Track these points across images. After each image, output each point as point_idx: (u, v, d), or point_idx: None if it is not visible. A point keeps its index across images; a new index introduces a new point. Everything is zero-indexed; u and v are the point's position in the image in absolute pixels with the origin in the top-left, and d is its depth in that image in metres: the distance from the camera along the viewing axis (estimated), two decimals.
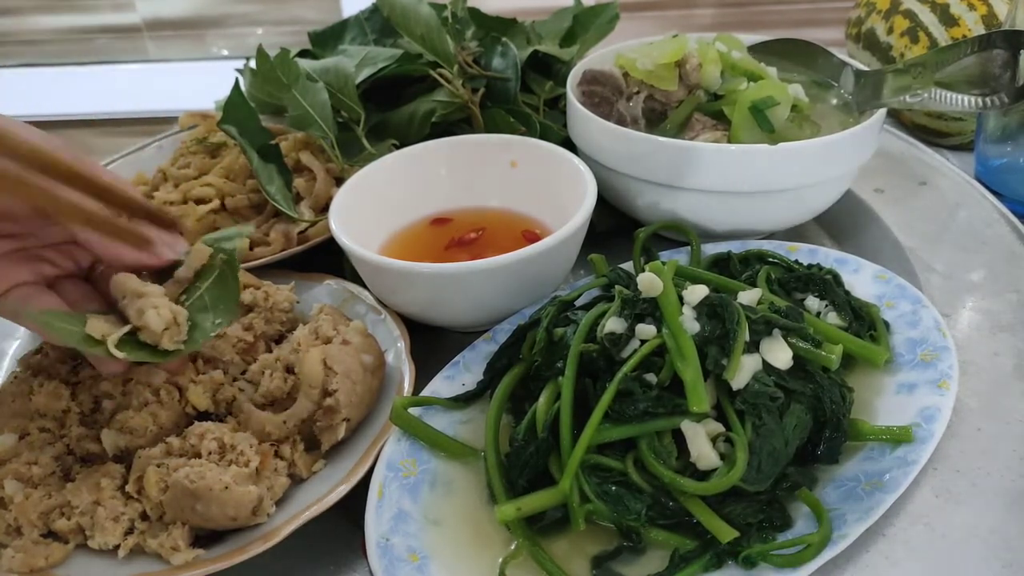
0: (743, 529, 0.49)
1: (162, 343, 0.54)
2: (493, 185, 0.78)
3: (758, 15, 2.04)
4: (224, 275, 0.59)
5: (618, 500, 0.51)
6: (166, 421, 0.58)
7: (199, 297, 0.58)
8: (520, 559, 0.50)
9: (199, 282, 0.59)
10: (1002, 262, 0.72)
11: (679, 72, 0.76)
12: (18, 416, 0.59)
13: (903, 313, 0.62)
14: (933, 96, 0.67)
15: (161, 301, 0.54)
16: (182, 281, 0.59)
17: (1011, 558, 0.48)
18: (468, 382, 0.62)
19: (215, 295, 0.58)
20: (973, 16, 0.91)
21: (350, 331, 0.61)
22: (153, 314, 0.53)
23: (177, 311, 0.55)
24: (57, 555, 0.52)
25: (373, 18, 0.99)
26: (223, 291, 0.58)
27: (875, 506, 0.49)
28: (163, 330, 0.54)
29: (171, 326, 0.54)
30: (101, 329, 0.53)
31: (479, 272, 0.61)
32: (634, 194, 0.76)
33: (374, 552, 0.49)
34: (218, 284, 0.59)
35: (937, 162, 0.87)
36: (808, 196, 0.73)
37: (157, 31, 2.28)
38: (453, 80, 0.85)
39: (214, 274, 0.59)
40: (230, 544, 0.52)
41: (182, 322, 0.55)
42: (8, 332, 0.76)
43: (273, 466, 0.56)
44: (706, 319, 0.52)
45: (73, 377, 0.61)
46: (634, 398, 0.51)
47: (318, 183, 0.80)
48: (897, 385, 0.58)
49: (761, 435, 0.50)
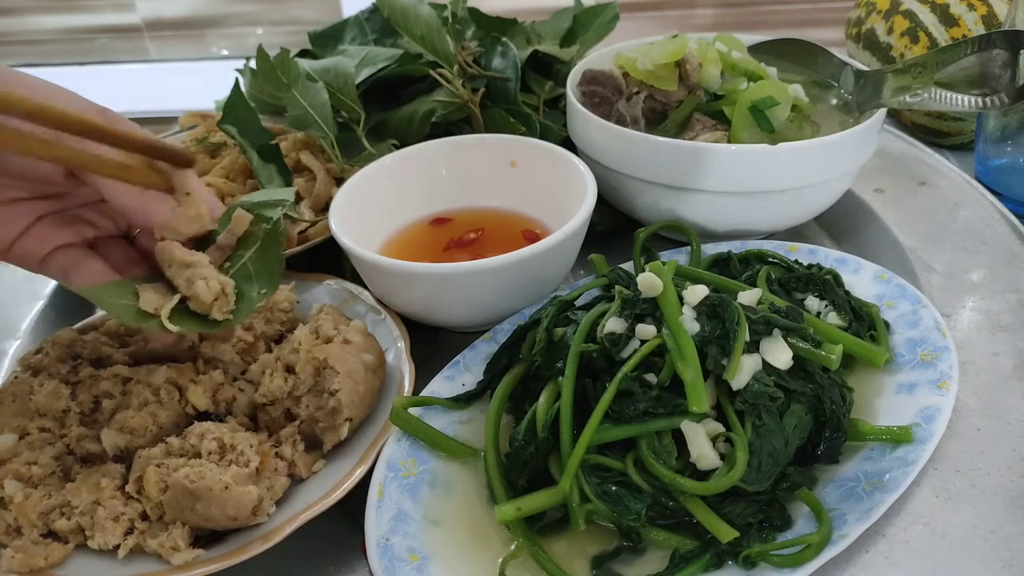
0: (743, 529, 0.49)
1: (212, 313, 0.54)
2: (493, 185, 0.78)
3: (758, 15, 2.04)
4: (267, 244, 0.59)
5: (618, 500, 0.51)
6: (166, 421, 0.58)
7: (243, 266, 0.58)
8: (520, 559, 0.50)
9: (242, 250, 0.59)
10: (1002, 262, 0.72)
11: (679, 72, 0.76)
12: (18, 416, 0.59)
13: (903, 313, 0.62)
14: (933, 96, 0.67)
15: (209, 271, 0.55)
16: (224, 248, 0.58)
17: (1011, 558, 0.48)
18: (468, 382, 0.62)
19: (259, 264, 0.58)
20: (973, 16, 0.91)
21: (351, 331, 0.61)
22: (202, 285, 0.54)
23: (225, 282, 0.55)
24: (57, 555, 0.52)
25: (373, 18, 0.99)
26: (266, 260, 0.58)
27: (875, 506, 0.49)
28: (212, 300, 0.54)
29: (220, 296, 0.54)
30: (153, 302, 0.53)
31: (479, 272, 0.61)
32: (634, 194, 0.76)
33: (374, 552, 0.49)
34: (261, 253, 0.59)
35: (937, 162, 0.87)
36: (808, 196, 0.73)
37: (157, 31, 2.28)
38: (453, 80, 0.85)
39: (257, 243, 0.59)
40: (230, 544, 0.52)
41: (230, 292, 0.55)
42: (8, 332, 0.76)
43: (273, 466, 0.55)
44: (706, 319, 0.52)
45: (73, 377, 0.61)
46: (634, 398, 0.51)
47: (318, 183, 0.80)
48: (897, 385, 0.58)
49: (761, 435, 0.50)
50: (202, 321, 0.55)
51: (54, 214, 0.57)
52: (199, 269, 0.54)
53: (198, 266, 0.55)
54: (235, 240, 0.59)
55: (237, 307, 0.56)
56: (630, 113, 0.77)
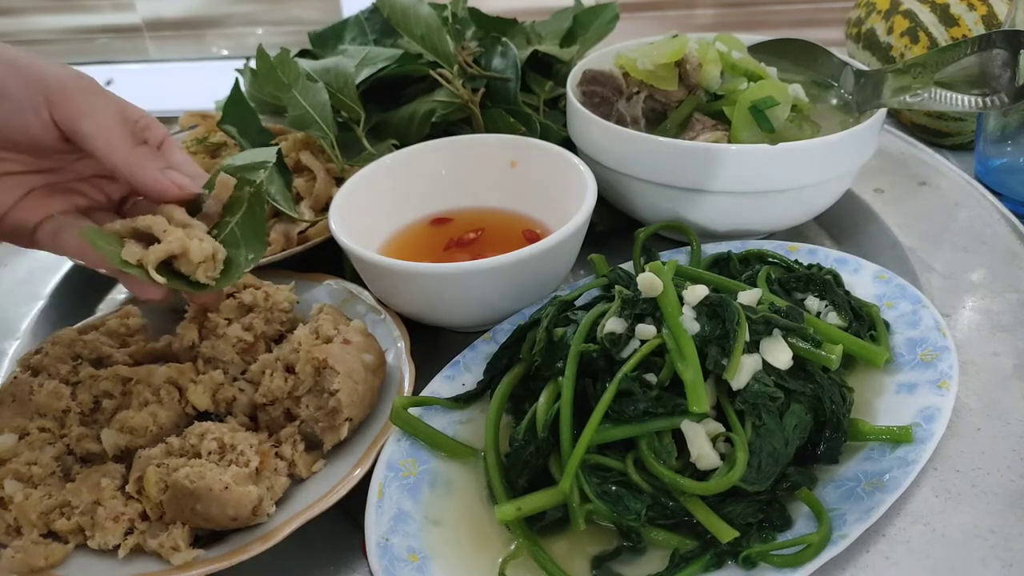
0: (743, 529, 0.49)
1: (196, 275, 0.55)
2: (493, 185, 0.78)
3: (758, 15, 2.04)
4: (252, 207, 0.59)
5: (618, 500, 0.51)
6: (166, 421, 0.58)
7: (231, 232, 0.58)
8: (520, 559, 0.50)
9: (228, 216, 0.59)
10: (1002, 262, 0.72)
11: (679, 72, 0.76)
12: (18, 416, 0.59)
13: (903, 313, 0.62)
14: (933, 96, 0.67)
15: (205, 236, 0.56)
16: (212, 216, 0.59)
17: (1011, 558, 0.48)
18: (468, 382, 0.62)
19: (246, 229, 0.58)
20: (973, 16, 0.91)
21: (351, 331, 0.61)
22: (196, 243, 0.54)
23: (218, 248, 0.56)
24: (57, 555, 0.52)
25: (373, 18, 0.99)
26: (252, 224, 0.59)
27: (875, 506, 0.49)
28: (199, 263, 0.54)
29: (208, 260, 0.55)
30: (137, 254, 0.54)
31: (479, 272, 0.61)
32: (634, 194, 0.76)
33: (374, 552, 0.49)
34: (248, 218, 0.59)
35: (937, 162, 0.87)
36: (808, 196, 0.73)
37: (157, 31, 2.28)
38: (453, 80, 0.85)
39: (243, 207, 0.59)
40: (230, 544, 0.52)
41: (219, 259, 0.56)
42: (8, 332, 0.76)
43: (273, 466, 0.56)
44: (706, 319, 0.52)
45: (73, 377, 0.61)
46: (634, 398, 0.51)
47: (318, 183, 0.80)
48: (897, 385, 0.58)
49: (761, 435, 0.50)
50: (187, 281, 0.55)
51: (47, 186, 0.58)
52: (195, 231, 0.55)
53: (195, 229, 0.56)
54: (221, 207, 0.59)
55: (224, 273, 0.57)
56: (630, 113, 0.77)
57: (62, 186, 0.59)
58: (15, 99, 0.53)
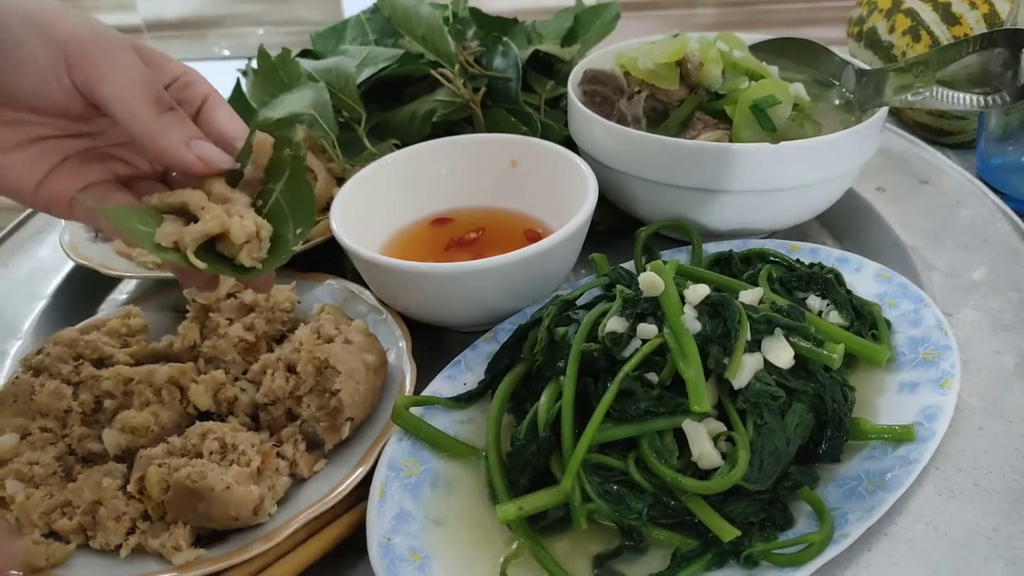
0: (745, 528, 0.49)
1: (239, 257, 0.49)
2: (494, 185, 0.78)
3: (759, 14, 2.04)
4: (296, 173, 0.50)
5: (620, 499, 0.50)
6: (168, 421, 0.58)
7: (275, 202, 0.50)
8: (521, 558, 0.50)
9: (271, 183, 0.51)
10: (1004, 260, 0.72)
11: (680, 71, 0.76)
12: (20, 416, 0.59)
13: (905, 312, 0.62)
14: (935, 95, 0.67)
15: (247, 212, 0.49)
16: (253, 184, 0.51)
17: (1014, 556, 0.48)
18: (469, 381, 0.62)
19: (291, 197, 0.50)
20: (975, 15, 0.91)
21: (352, 330, 0.61)
22: (237, 221, 0.48)
23: (261, 224, 0.49)
24: (59, 555, 0.52)
25: (374, 18, 0.99)
26: (298, 191, 0.50)
27: (877, 505, 0.49)
28: (243, 243, 0.48)
29: (252, 239, 0.49)
30: (173, 235, 0.47)
31: (480, 272, 0.61)
32: (635, 193, 0.76)
33: (375, 552, 0.49)
34: (292, 184, 0.50)
35: (939, 161, 0.87)
36: (809, 195, 0.73)
37: (157, 31, 2.28)
38: (454, 80, 0.85)
39: (286, 171, 0.50)
40: (231, 544, 0.52)
41: (264, 237, 0.49)
42: (10, 332, 0.76)
43: (274, 466, 0.56)
44: (707, 318, 0.52)
45: (74, 377, 0.61)
46: (635, 397, 0.51)
47: (319, 183, 0.80)
48: (899, 384, 0.57)
49: (763, 434, 0.50)
50: (230, 265, 0.49)
51: (82, 152, 0.53)
52: (236, 206, 0.49)
53: (236, 203, 0.49)
54: (262, 172, 0.51)
55: (272, 253, 0.50)
56: (631, 112, 0.77)
57: (100, 151, 0.53)
58: (33, 62, 0.47)
